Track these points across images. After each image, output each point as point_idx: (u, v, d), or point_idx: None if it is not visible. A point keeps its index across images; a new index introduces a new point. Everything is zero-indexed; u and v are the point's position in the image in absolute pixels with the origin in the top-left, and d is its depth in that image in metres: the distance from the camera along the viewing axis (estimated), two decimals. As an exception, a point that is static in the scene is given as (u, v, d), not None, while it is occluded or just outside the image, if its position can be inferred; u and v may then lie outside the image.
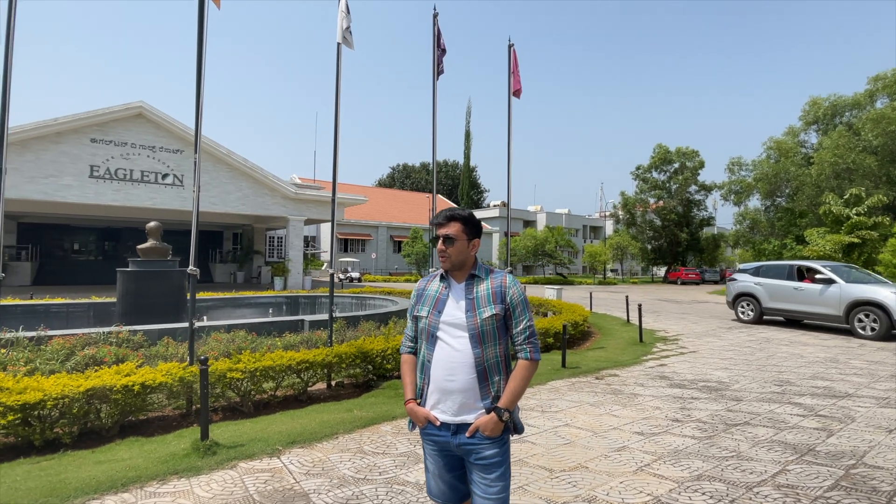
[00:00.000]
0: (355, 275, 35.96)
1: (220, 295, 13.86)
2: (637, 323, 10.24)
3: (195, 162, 4.90)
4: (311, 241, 44.26)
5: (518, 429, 1.86)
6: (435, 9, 6.73)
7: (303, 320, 8.29)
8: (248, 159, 22.86)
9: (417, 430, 1.95)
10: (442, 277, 1.94)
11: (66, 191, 18.81)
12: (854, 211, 21.38)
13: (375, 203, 50.00)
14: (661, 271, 49.78)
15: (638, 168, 46.06)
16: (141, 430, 4.37)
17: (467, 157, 13.90)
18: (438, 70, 6.83)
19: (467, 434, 1.77)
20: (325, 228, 45.38)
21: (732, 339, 10.09)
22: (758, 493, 3.17)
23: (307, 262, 35.70)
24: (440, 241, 1.86)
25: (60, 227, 29.61)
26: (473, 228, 1.91)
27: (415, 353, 2.00)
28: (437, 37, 6.79)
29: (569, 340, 9.31)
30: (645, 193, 45.56)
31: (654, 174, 45.52)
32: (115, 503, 2.92)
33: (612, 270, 54.41)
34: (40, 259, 27.89)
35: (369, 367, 6.00)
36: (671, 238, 44.62)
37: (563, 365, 6.92)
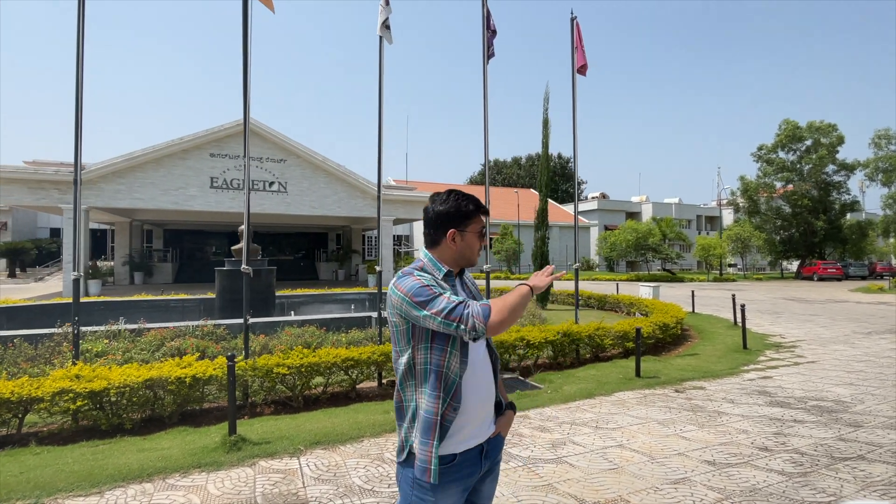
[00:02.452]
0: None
1: (310, 291, 14.78)
2: (747, 326, 8.82)
3: (244, 165, 5.10)
4: (403, 240, 45.82)
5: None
6: (485, -11, 6.35)
7: (370, 317, 8.41)
8: (342, 165, 24.25)
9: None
10: (445, 276, 1.54)
11: (193, 200, 21.48)
12: None
13: (467, 200, 50.28)
14: (792, 266, 43.25)
15: (760, 148, 40.42)
16: (197, 420, 4.64)
17: (545, 146, 13.14)
18: (489, 53, 6.43)
19: (494, 434, 1.60)
20: (418, 227, 46.72)
21: (869, 347, 8.27)
22: (858, 559, 2.39)
23: (399, 259, 37.03)
24: (484, 235, 1.63)
25: (195, 233, 34.11)
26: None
27: None
28: (487, 18, 6.38)
29: (658, 345, 8.35)
30: (770, 177, 39.82)
31: (782, 154, 39.61)
32: (136, 492, 3.05)
33: (730, 265, 48.62)
34: (180, 260, 32.34)
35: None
36: (804, 227, 38.47)
37: (638, 374, 6.13)
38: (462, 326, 1.36)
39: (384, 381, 5.97)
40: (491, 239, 44.74)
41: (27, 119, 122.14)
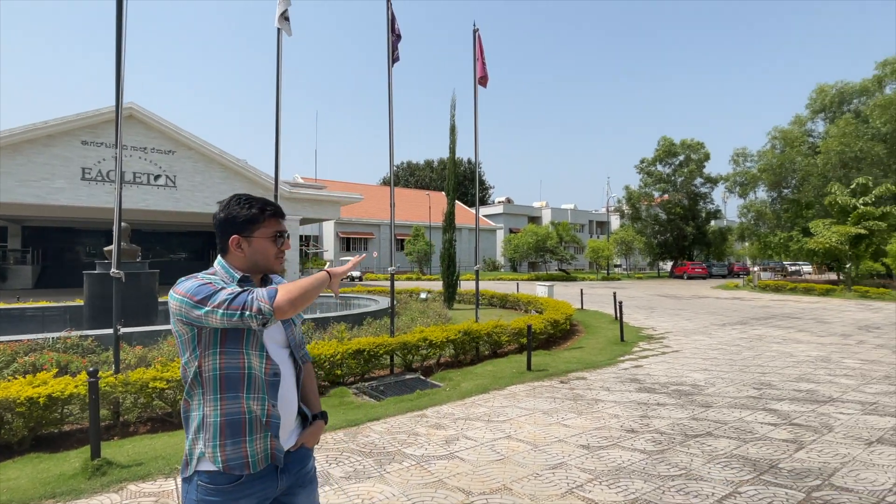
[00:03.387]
0: (356, 274, 35.78)
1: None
2: (625, 320, 9.81)
3: (116, 157, 4.60)
4: (312, 241, 44.17)
5: None
6: (389, -7, 6.38)
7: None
8: (242, 159, 22.76)
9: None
10: (240, 282, 1.45)
11: (59, 193, 18.79)
12: (861, 201, 20.59)
13: (377, 201, 49.84)
14: (667, 266, 48.89)
15: (642, 161, 45.25)
16: (55, 445, 4.09)
17: (452, 151, 13.58)
18: (394, 57, 6.47)
19: (293, 449, 1.52)
20: (328, 227, 45.29)
21: (723, 337, 9.63)
22: (695, 520, 2.79)
23: (308, 261, 35.60)
24: (288, 239, 1.54)
25: (63, 231, 29.73)
26: None
27: None
28: (392, 22, 6.42)
29: (548, 340, 8.94)
30: (650, 187, 44.76)
31: (659, 167, 44.70)
32: (-34, 535, 2.63)
33: (616, 266, 53.60)
34: (43, 263, 28.05)
35: (320, 372, 5.70)
36: (677, 232, 43.79)
37: (529, 367, 6.54)
38: (247, 313, 1.28)
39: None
40: (402, 240, 44.74)
41: None
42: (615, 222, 57.32)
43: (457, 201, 15.36)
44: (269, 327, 1.37)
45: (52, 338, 6.48)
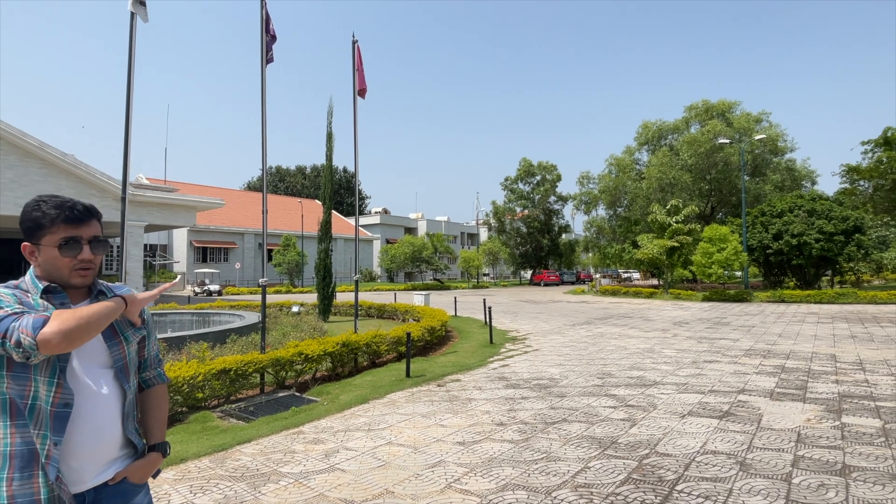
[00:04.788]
0: (214, 288, 32.51)
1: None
2: (494, 324, 10.56)
3: None
4: (160, 250, 39.10)
5: None
6: (262, -8, 6.11)
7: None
8: (69, 154, 19.32)
9: None
10: (45, 293, 1.30)
11: None
12: (674, 219, 25.13)
13: (241, 207, 46.12)
14: (528, 274, 53.70)
15: (506, 179, 49.35)
16: None
17: (329, 159, 13.32)
18: (267, 58, 6.20)
19: (112, 483, 1.35)
20: (179, 235, 40.50)
21: (573, 336, 10.92)
22: (556, 496, 3.18)
23: (153, 274, 31.40)
24: (87, 247, 1.33)
25: None
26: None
27: None
28: (266, 22, 6.16)
29: (426, 346, 9.22)
30: (513, 203, 49.01)
31: (521, 185, 49.20)
32: None
33: (485, 275, 57.21)
34: None
35: (177, 397, 5.12)
36: (535, 244, 48.52)
37: (408, 374, 6.70)
38: (7, 343, 1.11)
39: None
40: (270, 251, 41.92)
41: None
42: (483, 234, 61.27)
43: (332, 210, 15.00)
44: (34, 361, 1.17)
45: None
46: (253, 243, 44.40)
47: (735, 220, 27.18)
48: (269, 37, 6.19)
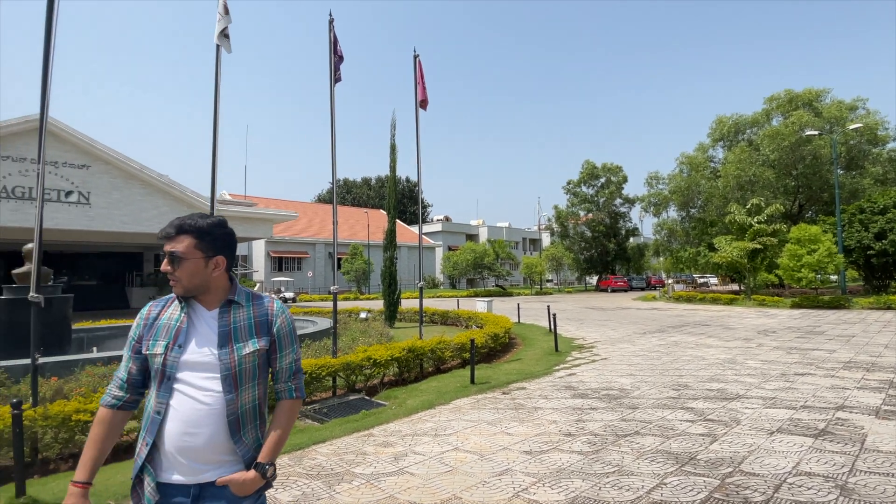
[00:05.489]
0: (289, 295, 34.47)
1: (118, 322, 12.61)
2: (558, 332, 10.33)
3: (38, 170, 4.27)
4: (240, 261, 42.06)
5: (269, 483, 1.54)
6: (330, 14, 6.49)
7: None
8: (165, 175, 21.40)
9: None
10: (180, 302, 1.54)
11: (-45, 212, 16.61)
12: (755, 219, 23.25)
13: (312, 219, 48.56)
14: (593, 280, 51.91)
15: (569, 183, 48.17)
16: (-46, 493, 3.64)
17: (393, 170, 13.79)
18: (336, 77, 6.57)
19: (217, 483, 1.44)
20: (258, 246, 43.40)
21: (644, 345, 10.42)
22: (628, 510, 3.07)
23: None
24: (165, 260, 1.49)
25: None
26: (214, 242, 1.52)
27: (124, 406, 1.53)
28: (334, 43, 6.54)
29: (489, 353, 9.22)
30: (576, 207, 47.73)
31: (584, 188, 47.82)
32: None
33: (548, 281, 56.03)
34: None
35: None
36: (601, 248, 46.86)
37: (473, 381, 6.73)
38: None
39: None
40: (339, 259, 43.84)
41: None
42: (546, 239, 60.08)
43: (397, 220, 15.45)
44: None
45: (-53, 373, 5.75)
46: (323, 252, 46.58)
47: (828, 219, 24.67)
48: (336, 57, 6.56)
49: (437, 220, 62.47)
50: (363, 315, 14.36)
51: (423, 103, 7.98)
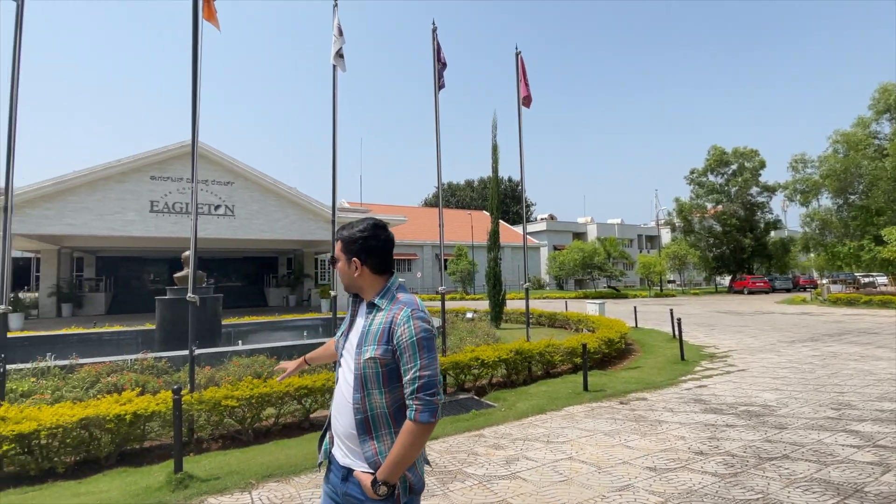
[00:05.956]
0: (402, 295, 36.18)
1: (259, 318, 14.29)
2: (684, 338, 9.40)
3: (192, 188, 5.00)
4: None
5: (415, 489, 1.53)
6: (434, 23, 6.66)
7: (323, 343, 8.28)
8: (294, 188, 23.86)
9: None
10: (356, 297, 1.72)
11: (130, 226, 20.33)
12: (943, 205, 18.92)
13: (420, 222, 50.60)
14: (725, 280, 46.42)
15: (692, 172, 43.61)
16: (138, 460, 4.39)
17: (495, 170, 13.73)
18: (439, 84, 6.71)
19: (354, 475, 1.52)
20: (372, 250, 46.34)
21: (793, 355, 9.03)
22: (779, 548, 2.64)
23: (354, 283, 36.49)
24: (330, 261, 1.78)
25: (132, 260, 32.14)
26: (352, 246, 1.64)
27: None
28: (437, 51, 6.69)
29: (603, 360, 8.72)
30: (702, 198, 42.96)
31: (711, 177, 42.92)
32: (72, 540, 2.87)
33: (670, 281, 51.49)
34: (115, 290, 30.27)
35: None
36: (734, 244, 41.58)
37: (585, 388, 6.39)
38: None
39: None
40: (445, 260, 45.12)
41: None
42: (666, 236, 55.35)
43: (500, 220, 15.37)
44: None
45: (130, 360, 6.97)
46: (430, 254, 48.25)
47: None
48: (440, 64, 6.71)
49: (542, 219, 61.02)
50: (469, 315, 14.52)
51: (527, 100, 7.80)
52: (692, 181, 43.76)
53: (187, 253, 11.03)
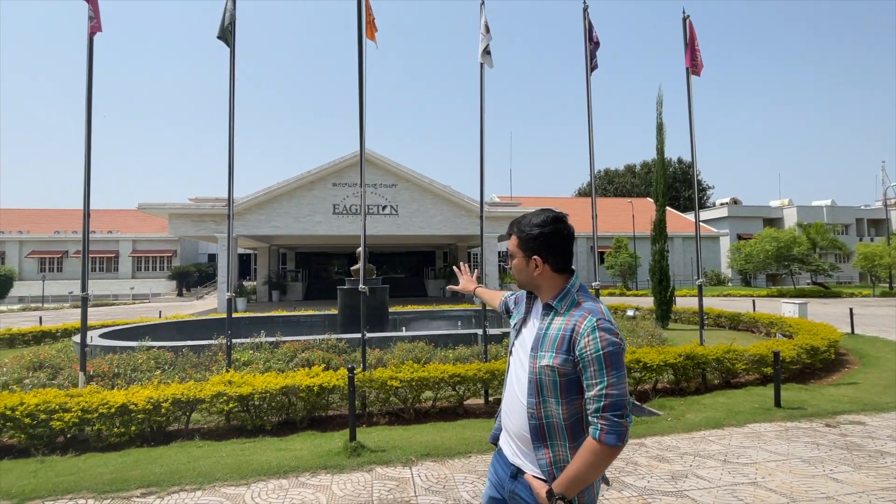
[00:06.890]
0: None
1: (419, 308, 15.44)
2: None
3: (361, 192, 5.61)
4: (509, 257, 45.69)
5: None
6: (585, 2, 6.27)
7: (475, 334, 8.56)
8: (447, 186, 25.20)
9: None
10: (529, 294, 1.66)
11: (318, 226, 23.88)
12: None
13: (573, 213, 48.66)
14: None
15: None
16: (323, 425, 5.13)
17: (660, 151, 12.26)
18: (592, 65, 6.29)
19: (525, 477, 1.46)
20: (526, 243, 46.27)
21: None
22: None
23: (505, 276, 36.95)
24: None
25: (320, 254, 37.86)
26: (530, 242, 1.50)
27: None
28: (589, 30, 6.27)
29: (805, 372, 7.30)
30: (957, 169, 32.66)
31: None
32: (275, 487, 3.49)
33: (904, 277, 40.34)
34: (308, 280, 35.94)
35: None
36: None
37: (778, 404, 5.39)
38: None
39: (490, 398, 6.03)
40: (602, 253, 42.63)
41: (190, 161, 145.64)
42: (897, 220, 43.64)
43: (667, 207, 13.88)
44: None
45: (319, 339, 8.17)
46: (585, 247, 46.09)
47: None
48: (592, 44, 6.30)
49: (722, 204, 53.23)
50: (630, 313, 13.46)
51: (697, 69, 6.83)
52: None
53: (359, 249, 12.50)
